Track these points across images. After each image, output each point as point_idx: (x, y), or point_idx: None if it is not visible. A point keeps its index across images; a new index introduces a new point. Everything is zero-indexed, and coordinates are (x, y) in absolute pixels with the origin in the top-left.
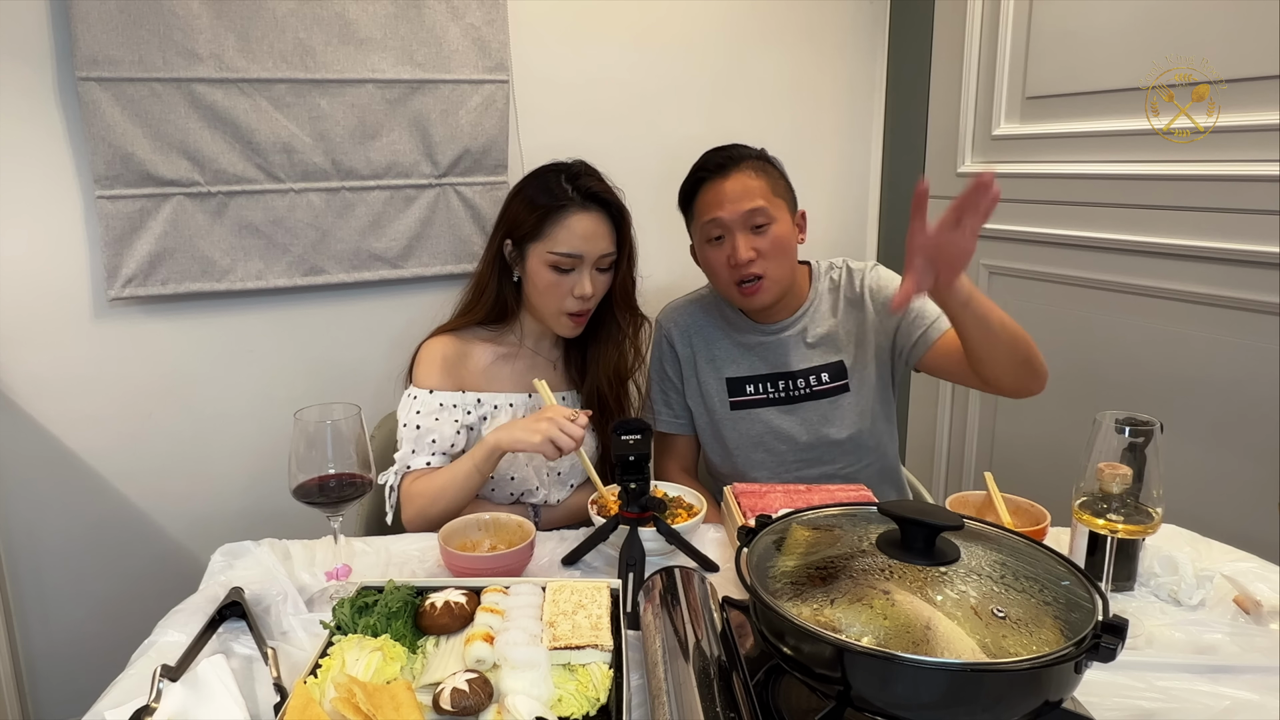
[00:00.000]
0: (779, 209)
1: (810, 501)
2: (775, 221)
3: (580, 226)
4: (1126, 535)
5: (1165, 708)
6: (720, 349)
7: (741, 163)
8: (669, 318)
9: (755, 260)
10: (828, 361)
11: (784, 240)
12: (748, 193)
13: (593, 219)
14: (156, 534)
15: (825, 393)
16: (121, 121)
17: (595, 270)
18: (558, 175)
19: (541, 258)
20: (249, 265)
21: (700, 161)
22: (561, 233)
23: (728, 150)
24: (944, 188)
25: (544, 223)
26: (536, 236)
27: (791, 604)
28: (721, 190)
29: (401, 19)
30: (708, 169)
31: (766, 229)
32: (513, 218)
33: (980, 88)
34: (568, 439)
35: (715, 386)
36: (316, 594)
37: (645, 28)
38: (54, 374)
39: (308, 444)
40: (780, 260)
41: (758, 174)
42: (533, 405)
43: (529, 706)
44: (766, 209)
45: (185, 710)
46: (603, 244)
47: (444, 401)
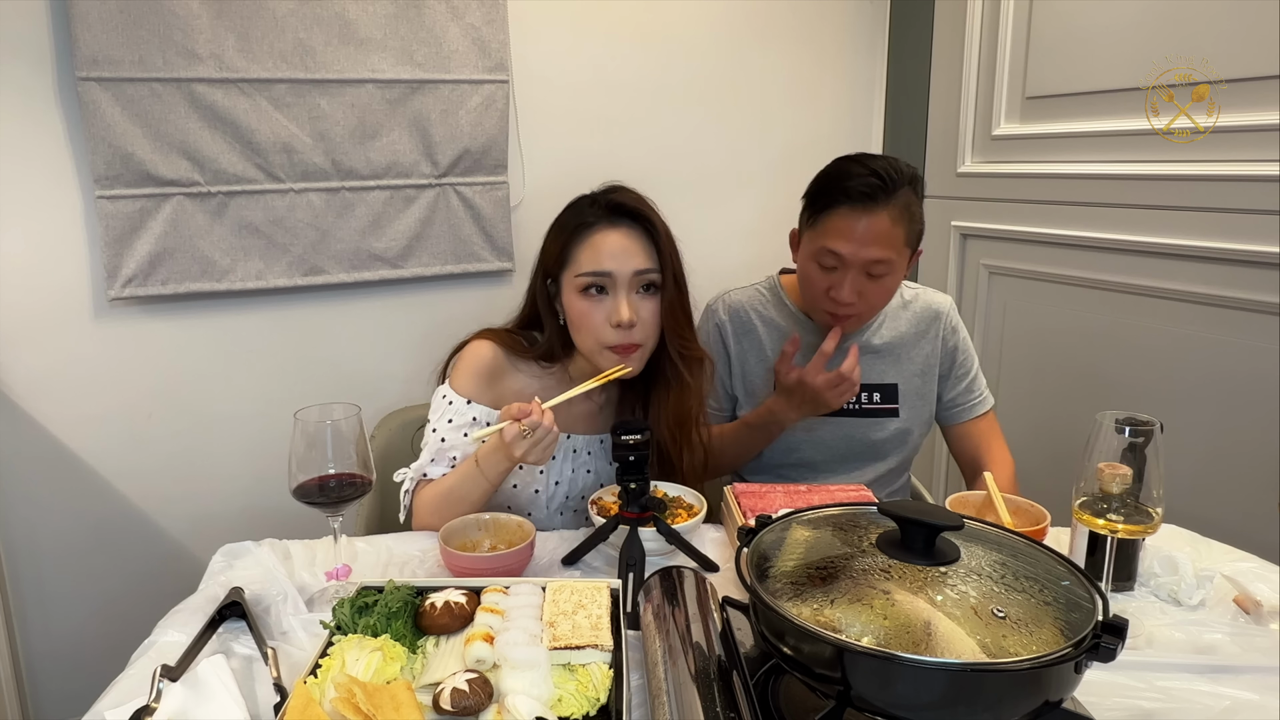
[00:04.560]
0: (902, 257)
1: (810, 501)
2: (892, 273)
3: (607, 244)
4: (1126, 535)
5: (1165, 708)
6: (774, 349)
7: (892, 199)
8: (725, 309)
9: (857, 301)
10: (882, 382)
11: (893, 286)
12: (881, 240)
13: (621, 234)
14: (156, 534)
15: (873, 412)
16: (121, 121)
17: (634, 294)
18: (587, 198)
19: (572, 285)
20: (249, 265)
21: (849, 173)
22: (586, 252)
23: (884, 173)
24: (944, 188)
25: (570, 245)
26: (565, 263)
27: (791, 604)
28: (856, 225)
29: (401, 19)
30: (853, 193)
31: (882, 278)
32: (545, 251)
33: (980, 88)
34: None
35: (762, 385)
36: (316, 594)
37: (645, 28)
38: (54, 374)
39: (308, 444)
40: (882, 300)
41: (900, 219)
42: (569, 448)
43: (529, 706)
44: (891, 261)
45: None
46: (635, 260)
47: (477, 416)
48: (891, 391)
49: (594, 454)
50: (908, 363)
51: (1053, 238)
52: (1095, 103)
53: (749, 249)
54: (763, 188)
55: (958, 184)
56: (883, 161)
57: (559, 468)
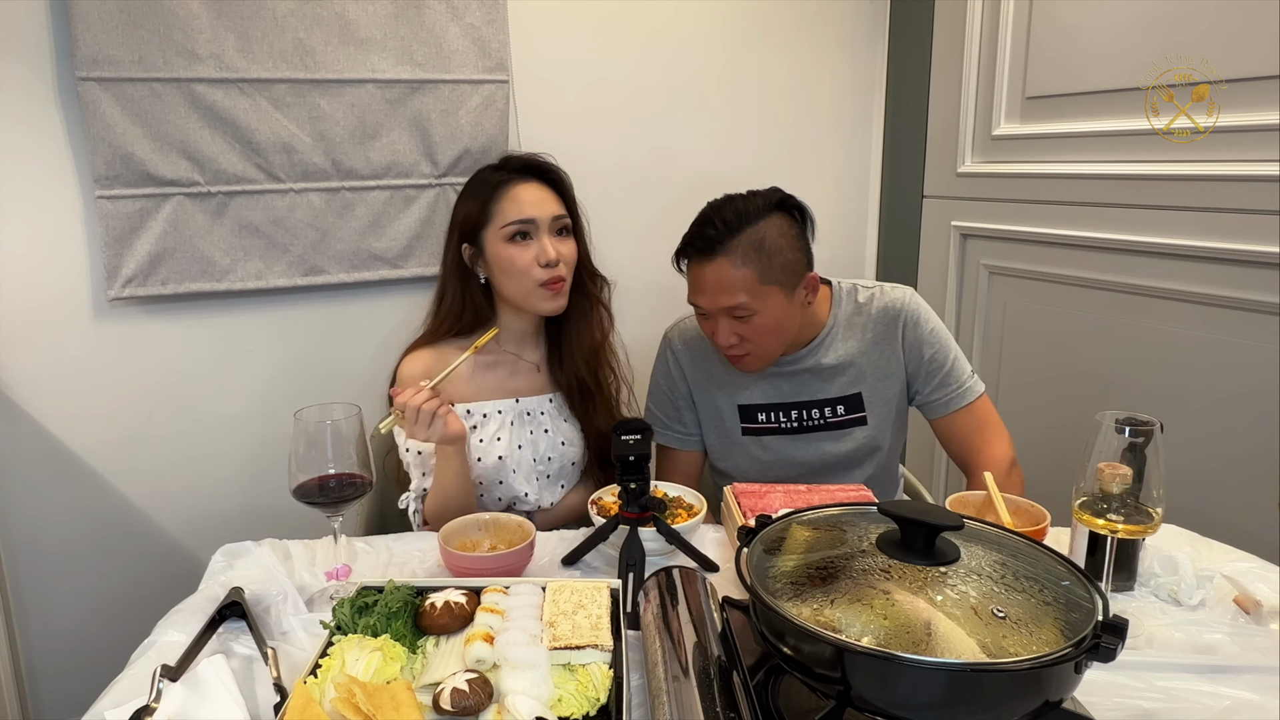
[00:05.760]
0: (767, 295)
1: (810, 501)
2: (758, 313)
3: (525, 195)
4: (1126, 535)
5: (1165, 708)
6: (734, 374)
7: (728, 245)
8: (681, 339)
9: (738, 344)
10: (845, 394)
11: (771, 325)
12: (726, 287)
13: (534, 186)
14: (156, 534)
15: (840, 424)
16: (121, 121)
17: (553, 236)
18: (489, 168)
19: (498, 238)
20: (249, 265)
21: (694, 227)
22: (508, 206)
23: (718, 221)
24: (944, 188)
25: (489, 204)
26: (486, 221)
27: (791, 604)
28: (702, 276)
29: (401, 19)
30: (692, 245)
31: (750, 319)
32: (461, 219)
33: (980, 88)
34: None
35: (728, 411)
36: (316, 594)
37: (645, 28)
38: (54, 374)
39: (308, 444)
40: (769, 341)
41: (746, 261)
42: (520, 410)
43: (529, 706)
44: (747, 304)
45: (185, 710)
46: (551, 207)
47: None
48: (856, 401)
49: (547, 413)
50: (871, 369)
51: (1053, 238)
52: (1095, 103)
53: None
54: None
55: (958, 184)
56: (727, 206)
57: (516, 432)
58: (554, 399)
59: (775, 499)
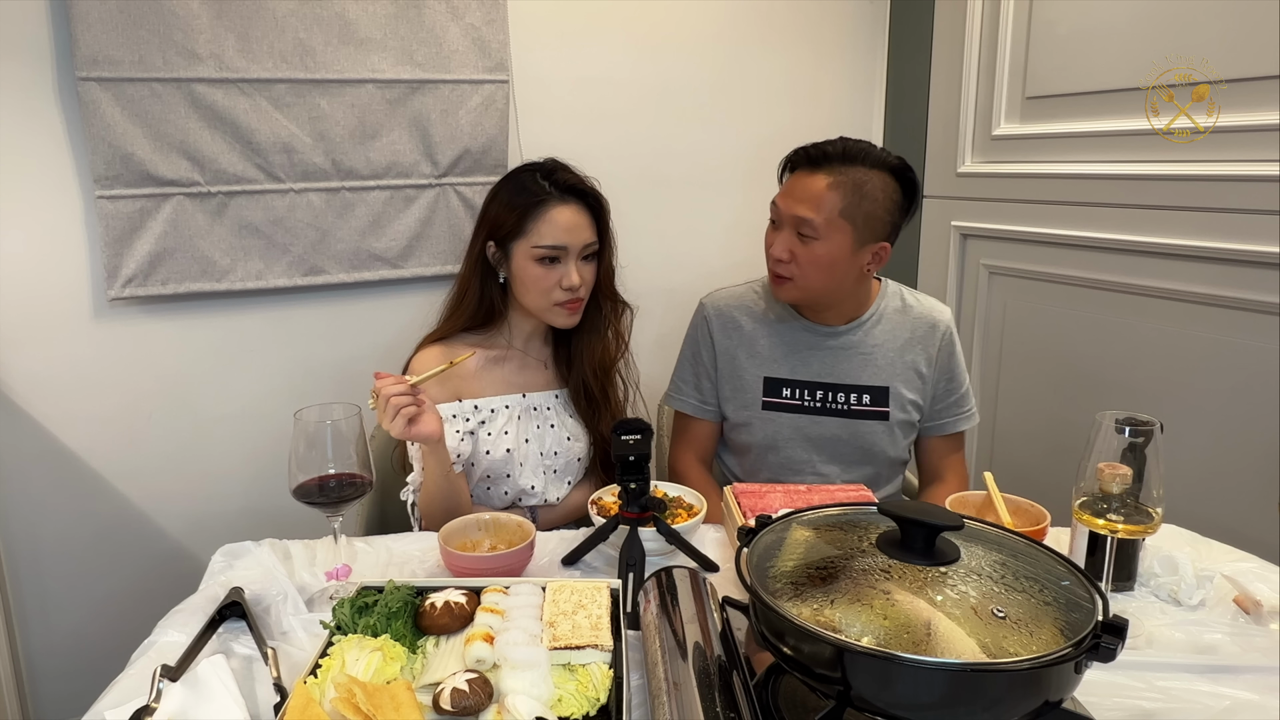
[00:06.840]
0: (836, 230)
1: (810, 501)
2: (821, 239)
3: (562, 219)
4: (1126, 535)
5: (1165, 708)
6: (764, 345)
7: (837, 167)
8: (715, 305)
9: (786, 262)
10: (873, 384)
11: (824, 261)
12: (808, 198)
13: (573, 211)
14: (156, 534)
15: (861, 414)
16: (121, 121)
17: (580, 260)
18: (533, 174)
19: (527, 254)
20: (249, 265)
21: (811, 144)
22: (544, 227)
23: (840, 145)
24: (944, 188)
25: (525, 219)
26: (519, 234)
27: (791, 604)
28: (797, 182)
29: (401, 19)
30: (807, 154)
31: (810, 241)
32: (493, 220)
33: (980, 88)
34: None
35: (752, 382)
36: (316, 594)
37: (645, 28)
38: (54, 374)
39: (308, 444)
40: (814, 275)
41: (839, 187)
42: (528, 405)
43: (529, 706)
44: (814, 222)
45: (185, 710)
46: (585, 234)
47: (442, 412)
48: (882, 394)
49: (553, 409)
50: (901, 367)
51: (1053, 238)
52: (1095, 103)
53: (748, 248)
54: (762, 187)
55: (958, 184)
56: (855, 142)
57: (523, 426)
58: (560, 395)
59: (775, 499)
